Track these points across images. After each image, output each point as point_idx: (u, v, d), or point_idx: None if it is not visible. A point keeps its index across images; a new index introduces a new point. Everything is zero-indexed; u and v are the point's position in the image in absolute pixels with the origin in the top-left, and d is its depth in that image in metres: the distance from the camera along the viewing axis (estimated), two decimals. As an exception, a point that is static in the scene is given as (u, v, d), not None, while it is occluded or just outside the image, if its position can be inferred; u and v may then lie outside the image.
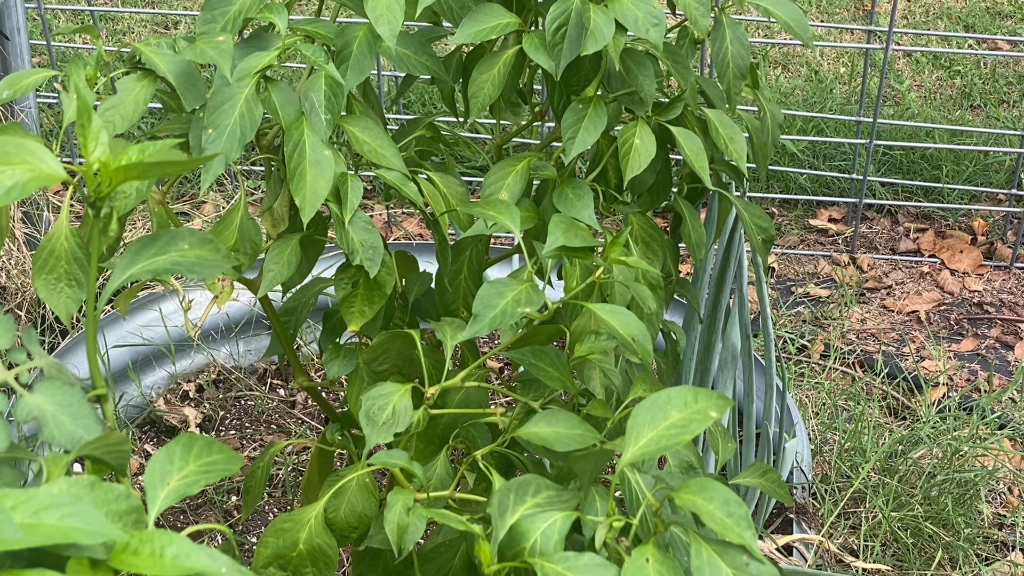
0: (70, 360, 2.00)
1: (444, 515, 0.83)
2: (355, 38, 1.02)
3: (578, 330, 1.05)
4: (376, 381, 1.05)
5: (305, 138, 0.98)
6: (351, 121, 1.04)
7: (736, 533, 0.74)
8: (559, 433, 0.93)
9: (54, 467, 0.75)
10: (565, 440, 0.93)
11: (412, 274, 1.28)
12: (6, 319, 0.79)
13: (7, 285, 2.30)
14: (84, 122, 0.76)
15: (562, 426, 0.94)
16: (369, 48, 1.01)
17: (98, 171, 0.75)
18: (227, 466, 0.76)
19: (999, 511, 2.02)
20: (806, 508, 1.93)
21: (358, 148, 1.04)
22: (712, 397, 0.86)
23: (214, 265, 0.91)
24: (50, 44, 2.68)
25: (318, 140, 0.98)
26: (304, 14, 3.55)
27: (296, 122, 0.98)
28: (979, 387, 2.37)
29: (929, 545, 1.90)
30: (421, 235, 2.80)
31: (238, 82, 0.96)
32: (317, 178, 0.98)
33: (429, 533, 1.20)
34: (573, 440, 0.93)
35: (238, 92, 0.96)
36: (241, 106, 0.95)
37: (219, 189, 2.89)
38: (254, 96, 0.97)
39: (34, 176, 0.73)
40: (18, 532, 0.55)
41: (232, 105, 0.95)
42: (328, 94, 0.99)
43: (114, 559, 0.60)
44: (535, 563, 0.75)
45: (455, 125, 2.92)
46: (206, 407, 2.17)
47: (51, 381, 0.77)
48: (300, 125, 0.98)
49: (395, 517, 0.92)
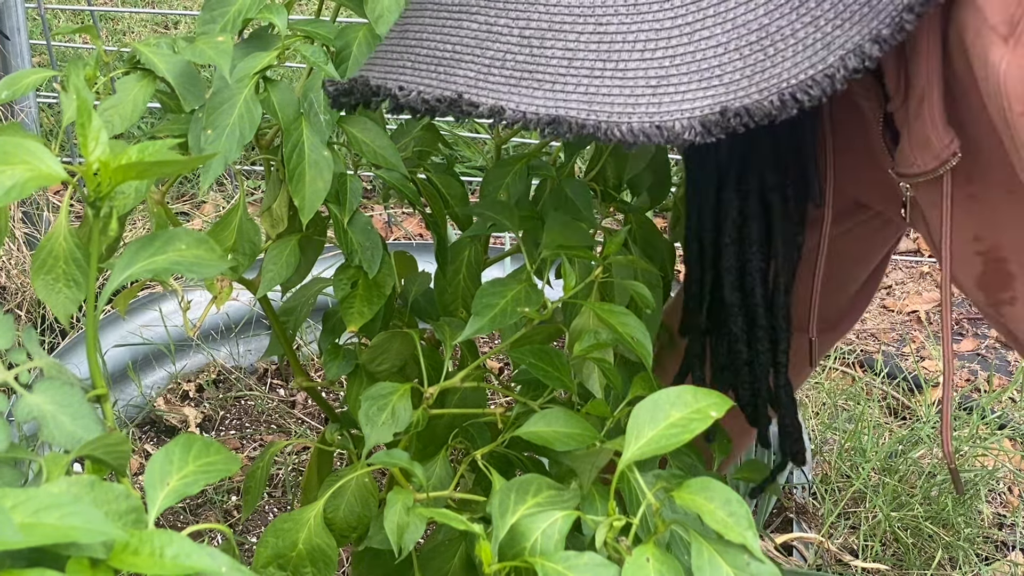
0: (70, 360, 2.00)
1: (445, 515, 0.83)
2: (355, 39, 1.02)
3: (577, 329, 1.05)
4: (375, 381, 1.05)
5: (304, 138, 0.98)
6: (350, 121, 1.04)
7: (737, 532, 0.74)
8: (558, 432, 0.93)
9: (54, 467, 0.75)
10: (564, 439, 0.93)
11: (411, 274, 1.28)
12: (6, 319, 0.79)
13: (7, 285, 2.31)
14: (84, 122, 0.76)
15: (561, 425, 0.94)
16: (369, 48, 1.01)
17: (98, 171, 0.75)
18: (226, 466, 0.75)
19: (999, 511, 2.02)
20: (806, 508, 1.93)
21: (357, 149, 1.04)
22: (712, 397, 0.86)
23: (212, 265, 0.91)
24: (50, 44, 2.68)
25: (317, 140, 0.98)
26: (305, 14, 3.55)
27: (295, 122, 0.98)
28: (979, 387, 2.37)
29: (929, 545, 1.90)
30: (421, 235, 2.80)
31: (237, 83, 0.96)
32: (316, 178, 0.98)
33: (429, 533, 1.20)
34: (572, 439, 0.93)
35: (237, 93, 0.96)
36: (240, 107, 0.95)
37: (219, 189, 2.89)
38: (253, 96, 0.97)
39: (33, 176, 0.73)
40: (18, 532, 0.55)
41: (231, 105, 0.95)
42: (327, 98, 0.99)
43: (114, 558, 0.60)
44: (535, 562, 0.75)
45: (455, 125, 2.92)
46: (206, 407, 2.17)
47: (51, 381, 0.77)
48: (299, 125, 0.98)
49: (395, 517, 0.92)
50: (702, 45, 0.76)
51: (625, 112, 0.75)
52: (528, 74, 0.77)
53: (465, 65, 0.79)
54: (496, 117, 0.76)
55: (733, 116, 0.74)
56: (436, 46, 0.81)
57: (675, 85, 0.75)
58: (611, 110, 0.75)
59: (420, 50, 0.82)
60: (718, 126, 0.74)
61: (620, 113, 0.75)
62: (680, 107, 0.75)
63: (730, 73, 0.75)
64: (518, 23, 0.78)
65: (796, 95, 0.75)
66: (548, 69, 0.76)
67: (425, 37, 0.82)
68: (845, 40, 0.75)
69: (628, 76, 0.75)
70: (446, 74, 0.79)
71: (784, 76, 0.75)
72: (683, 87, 0.75)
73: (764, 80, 0.75)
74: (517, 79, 0.77)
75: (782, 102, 0.75)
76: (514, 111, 0.76)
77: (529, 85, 0.76)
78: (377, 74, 0.84)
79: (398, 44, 0.84)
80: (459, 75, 0.79)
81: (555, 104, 0.75)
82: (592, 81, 0.75)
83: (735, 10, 0.76)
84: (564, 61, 0.76)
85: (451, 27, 0.81)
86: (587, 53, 0.76)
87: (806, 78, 0.75)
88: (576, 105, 0.75)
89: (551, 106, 0.75)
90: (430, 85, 0.80)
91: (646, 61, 0.75)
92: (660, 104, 0.75)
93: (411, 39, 0.83)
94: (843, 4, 0.76)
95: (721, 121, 0.74)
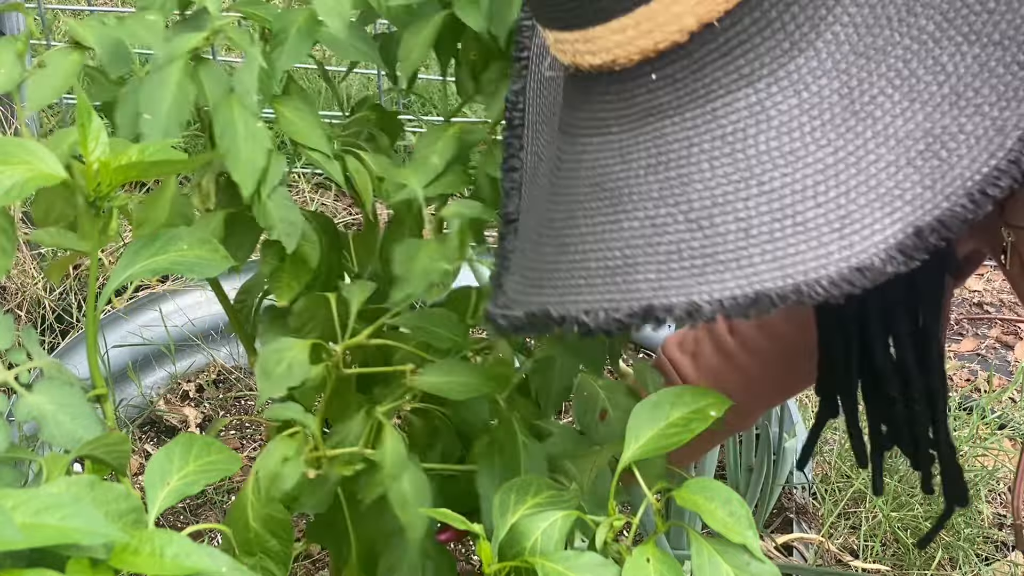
0: (70, 360, 2.00)
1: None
2: (294, 22, 1.03)
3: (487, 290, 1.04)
4: None
5: (236, 115, 0.98)
6: (283, 101, 1.05)
7: (737, 532, 0.74)
8: (453, 382, 0.95)
9: (54, 467, 0.75)
10: (459, 389, 0.95)
11: None
12: (6, 319, 0.79)
13: (7, 285, 2.31)
14: (84, 121, 0.76)
15: (457, 375, 0.95)
16: (309, 32, 1.03)
17: (98, 170, 0.75)
18: (226, 466, 0.76)
19: (999, 511, 2.02)
20: (806, 508, 1.93)
21: (285, 128, 1.04)
22: (711, 396, 0.86)
23: (213, 265, 0.91)
24: (50, 44, 2.69)
25: (249, 114, 0.98)
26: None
27: (226, 101, 0.98)
28: (979, 387, 2.37)
29: (929, 545, 1.90)
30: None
31: (169, 64, 0.97)
32: (253, 150, 0.98)
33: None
34: (467, 388, 0.95)
35: (169, 74, 0.97)
36: (174, 88, 0.96)
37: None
38: (186, 77, 0.97)
39: (33, 176, 0.73)
40: (18, 532, 0.55)
41: (165, 87, 0.96)
42: (261, 75, 1.00)
43: (114, 559, 0.60)
44: (536, 562, 0.75)
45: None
46: (206, 407, 2.17)
47: (51, 381, 0.77)
48: (230, 104, 0.98)
49: (269, 463, 0.93)
50: (872, 170, 0.71)
51: (819, 265, 0.70)
52: (709, 258, 0.72)
53: (642, 268, 0.74)
54: (695, 315, 0.71)
55: (930, 233, 0.70)
56: (604, 255, 0.76)
57: (859, 220, 0.71)
58: (805, 268, 0.70)
59: (589, 263, 0.77)
60: (917, 248, 0.70)
61: (815, 268, 0.70)
62: (872, 241, 0.70)
63: (910, 190, 0.71)
64: (680, 208, 0.73)
65: (986, 190, 0.70)
66: (727, 247, 0.71)
67: (588, 248, 0.77)
68: (1017, 120, 0.71)
69: (809, 227, 0.71)
70: (625, 283, 0.74)
71: (967, 175, 0.71)
72: (868, 219, 0.71)
73: (947, 186, 0.71)
74: (700, 268, 0.72)
75: (974, 202, 0.70)
76: (710, 303, 0.71)
77: (715, 270, 0.71)
78: (553, 300, 0.78)
79: (561, 260, 0.79)
80: (640, 281, 0.74)
81: (748, 282, 0.70)
82: (776, 245, 0.71)
83: (894, 124, 0.72)
84: (740, 234, 0.71)
85: (611, 230, 0.76)
86: (761, 218, 0.71)
87: (990, 170, 0.70)
88: (769, 276, 0.70)
89: (745, 285, 0.71)
90: (614, 300, 0.74)
91: (821, 205, 0.71)
92: (852, 245, 0.70)
93: (573, 252, 0.78)
94: (1002, 84, 0.72)
95: (919, 242, 0.70)
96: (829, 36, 0.73)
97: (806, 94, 0.73)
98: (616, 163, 0.77)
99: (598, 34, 0.75)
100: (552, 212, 0.82)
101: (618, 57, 0.75)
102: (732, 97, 0.73)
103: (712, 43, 0.73)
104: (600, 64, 0.76)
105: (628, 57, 0.74)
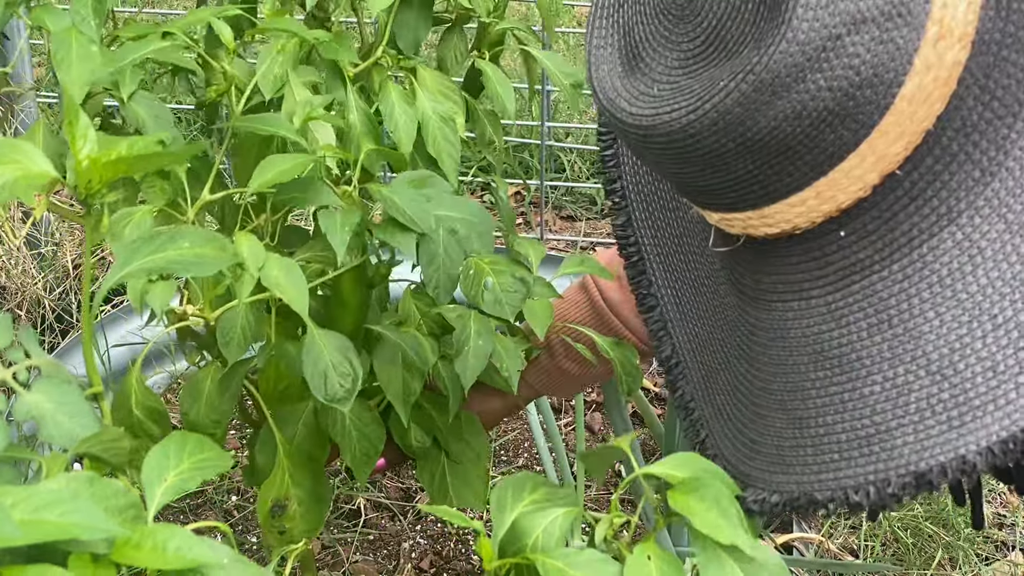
0: (70, 360, 2.00)
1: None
2: None
3: None
4: None
5: (73, 40, 1.05)
6: None
7: (728, 534, 0.73)
8: None
9: (54, 466, 0.75)
10: None
11: None
12: (4, 318, 0.79)
13: (7, 285, 2.31)
14: (72, 119, 0.76)
15: None
16: None
17: (88, 167, 0.75)
18: (219, 463, 0.76)
19: (999, 511, 2.02)
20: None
21: None
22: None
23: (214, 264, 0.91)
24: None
25: (87, 40, 1.05)
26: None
27: (66, 32, 1.06)
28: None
29: (929, 545, 1.90)
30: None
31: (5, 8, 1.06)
32: (84, 64, 1.03)
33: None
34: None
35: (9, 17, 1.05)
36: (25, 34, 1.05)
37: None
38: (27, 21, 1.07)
39: (23, 175, 0.73)
40: (17, 529, 0.55)
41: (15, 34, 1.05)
42: (94, 4, 1.07)
43: (116, 553, 0.61)
44: (536, 559, 0.75)
45: None
46: (206, 407, 2.17)
47: (49, 380, 0.77)
48: (69, 34, 1.05)
49: None
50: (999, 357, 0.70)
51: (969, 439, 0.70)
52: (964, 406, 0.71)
53: (897, 432, 0.72)
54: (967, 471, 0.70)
55: None
56: (852, 425, 0.74)
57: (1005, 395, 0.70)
58: None
59: (838, 436, 0.75)
60: None
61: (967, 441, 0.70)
62: None
63: None
64: (918, 363, 0.72)
65: None
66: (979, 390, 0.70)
67: (831, 420, 0.75)
68: None
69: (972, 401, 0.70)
70: (884, 451, 0.73)
71: None
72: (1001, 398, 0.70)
73: None
74: (958, 418, 0.70)
75: None
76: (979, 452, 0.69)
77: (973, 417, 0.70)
78: (809, 480, 0.77)
79: (803, 436, 0.77)
80: (899, 446, 0.72)
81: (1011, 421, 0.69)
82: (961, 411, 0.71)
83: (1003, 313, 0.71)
84: (988, 374, 0.70)
85: (852, 398, 0.74)
86: (1003, 352, 0.70)
87: None
88: None
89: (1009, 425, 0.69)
90: (878, 470, 0.73)
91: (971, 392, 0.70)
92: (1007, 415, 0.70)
93: (816, 426, 0.76)
94: None
95: None
96: (1017, 152, 0.71)
97: (1011, 216, 0.71)
98: (831, 327, 0.75)
99: (776, 210, 0.74)
100: (764, 382, 0.80)
101: (798, 225, 0.74)
102: (937, 240, 0.72)
103: (898, 190, 0.72)
104: (778, 233, 0.75)
105: (811, 223, 0.73)
